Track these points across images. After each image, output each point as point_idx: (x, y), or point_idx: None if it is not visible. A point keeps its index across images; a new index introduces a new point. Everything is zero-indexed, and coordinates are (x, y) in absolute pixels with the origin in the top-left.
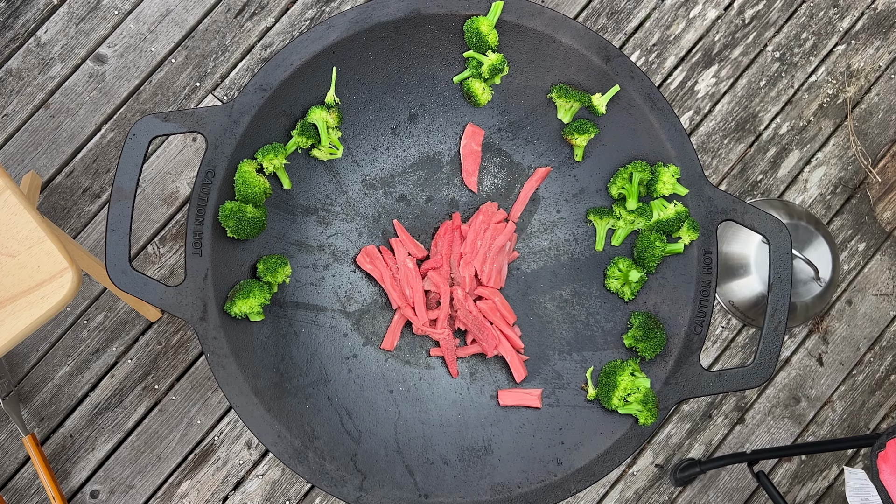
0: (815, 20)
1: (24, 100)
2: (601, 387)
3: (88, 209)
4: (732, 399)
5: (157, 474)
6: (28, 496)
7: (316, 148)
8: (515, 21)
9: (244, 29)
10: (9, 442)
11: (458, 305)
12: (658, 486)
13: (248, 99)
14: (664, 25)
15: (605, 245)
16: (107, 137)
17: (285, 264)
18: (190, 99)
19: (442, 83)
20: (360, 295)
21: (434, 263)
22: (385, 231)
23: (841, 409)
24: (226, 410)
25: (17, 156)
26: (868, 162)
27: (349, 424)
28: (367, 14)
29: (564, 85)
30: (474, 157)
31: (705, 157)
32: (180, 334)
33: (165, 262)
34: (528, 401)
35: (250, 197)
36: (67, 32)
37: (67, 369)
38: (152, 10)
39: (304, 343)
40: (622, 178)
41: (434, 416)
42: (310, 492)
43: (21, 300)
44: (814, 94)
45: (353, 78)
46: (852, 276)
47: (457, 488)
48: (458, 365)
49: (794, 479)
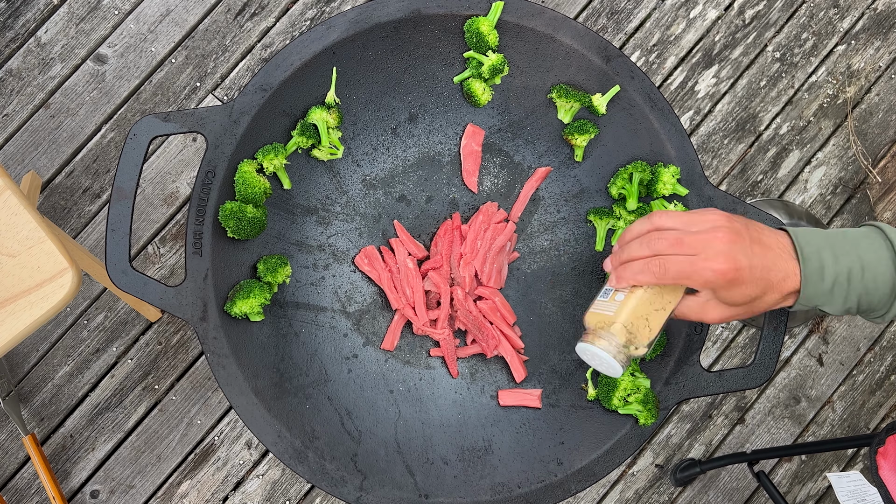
0: (816, 20)
1: (24, 100)
2: (601, 387)
3: (88, 209)
4: (732, 399)
5: (157, 474)
6: (28, 496)
7: (316, 148)
8: (516, 21)
9: (244, 29)
10: (9, 442)
11: (458, 305)
12: (658, 486)
13: (249, 99)
14: (664, 26)
15: (605, 245)
16: (107, 137)
17: (285, 264)
18: (190, 99)
19: (442, 83)
20: (360, 295)
21: (434, 263)
22: (385, 231)
23: (841, 409)
24: (226, 410)
25: (17, 156)
26: (868, 162)
27: (349, 424)
28: (367, 14)
29: (565, 85)
30: (474, 158)
31: (705, 157)
32: (180, 334)
33: (165, 262)
34: (529, 401)
35: (250, 197)
36: (67, 32)
37: (67, 369)
38: (152, 10)
39: (305, 343)
40: (622, 178)
41: (434, 416)
42: (310, 492)
43: (21, 300)
44: (814, 95)
45: (354, 78)
46: None
47: (457, 488)
48: (459, 365)
49: (794, 479)
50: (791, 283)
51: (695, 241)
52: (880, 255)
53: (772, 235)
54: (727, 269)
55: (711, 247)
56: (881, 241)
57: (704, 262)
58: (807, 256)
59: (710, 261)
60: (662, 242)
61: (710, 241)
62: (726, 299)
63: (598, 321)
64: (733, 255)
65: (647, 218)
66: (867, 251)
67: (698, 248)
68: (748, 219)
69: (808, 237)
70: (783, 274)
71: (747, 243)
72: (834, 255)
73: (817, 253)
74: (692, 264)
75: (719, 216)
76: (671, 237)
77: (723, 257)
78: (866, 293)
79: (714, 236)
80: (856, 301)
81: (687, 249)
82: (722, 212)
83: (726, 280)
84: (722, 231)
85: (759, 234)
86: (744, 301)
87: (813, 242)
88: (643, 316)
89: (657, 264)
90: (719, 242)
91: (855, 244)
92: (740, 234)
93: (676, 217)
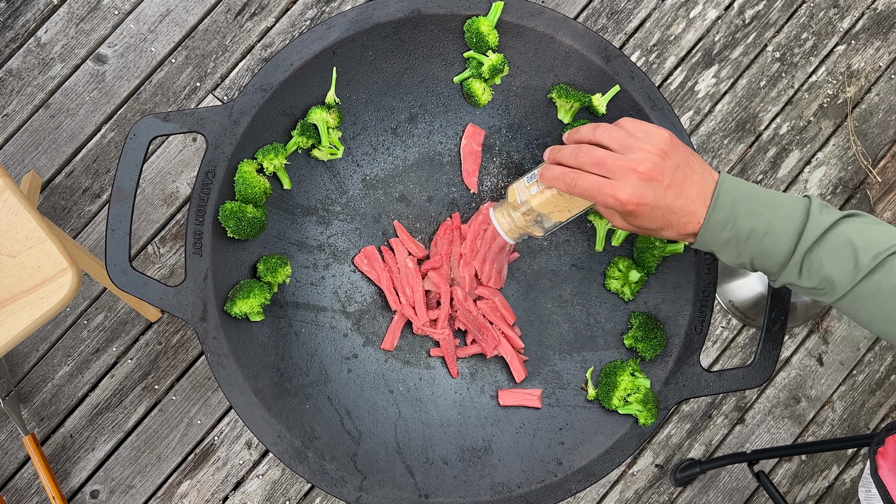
0: (816, 20)
1: (24, 100)
2: (601, 387)
3: (88, 209)
4: (732, 399)
5: (157, 474)
6: (28, 496)
7: (316, 148)
8: (516, 21)
9: (244, 29)
10: (9, 442)
11: (458, 305)
12: (658, 486)
13: (249, 99)
14: (664, 25)
15: (605, 245)
16: (107, 137)
17: (285, 264)
18: (190, 99)
19: (442, 83)
20: (360, 295)
21: (434, 263)
22: (385, 231)
23: (841, 409)
24: (226, 410)
25: (17, 156)
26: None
27: (349, 424)
28: (367, 14)
29: (565, 85)
30: (474, 158)
31: (705, 157)
32: (180, 334)
33: (165, 262)
34: (528, 401)
35: (250, 197)
36: (67, 32)
37: (67, 369)
38: (152, 10)
39: (304, 343)
40: None
41: (434, 416)
42: (310, 492)
43: (21, 300)
44: (814, 95)
45: (354, 78)
46: None
47: (457, 488)
48: (458, 365)
49: (794, 479)
50: (692, 226)
51: (615, 167)
52: (789, 226)
53: (698, 180)
54: (628, 201)
55: (625, 178)
56: (800, 213)
57: (611, 190)
58: (719, 206)
59: (616, 190)
60: (587, 158)
61: (628, 172)
62: (626, 221)
63: (513, 198)
64: (642, 192)
65: (593, 127)
66: (780, 219)
67: (615, 173)
68: (691, 154)
69: (732, 188)
70: (687, 218)
71: (664, 185)
72: (747, 211)
73: (731, 204)
74: (600, 188)
75: (659, 147)
76: (596, 156)
77: (630, 190)
78: (761, 255)
79: (634, 169)
80: (749, 259)
81: (605, 172)
82: (668, 140)
83: (625, 210)
84: (646, 164)
85: (684, 176)
86: (641, 228)
87: (733, 192)
88: (549, 211)
89: (572, 177)
90: (634, 176)
91: (775, 208)
92: (663, 173)
93: (618, 135)
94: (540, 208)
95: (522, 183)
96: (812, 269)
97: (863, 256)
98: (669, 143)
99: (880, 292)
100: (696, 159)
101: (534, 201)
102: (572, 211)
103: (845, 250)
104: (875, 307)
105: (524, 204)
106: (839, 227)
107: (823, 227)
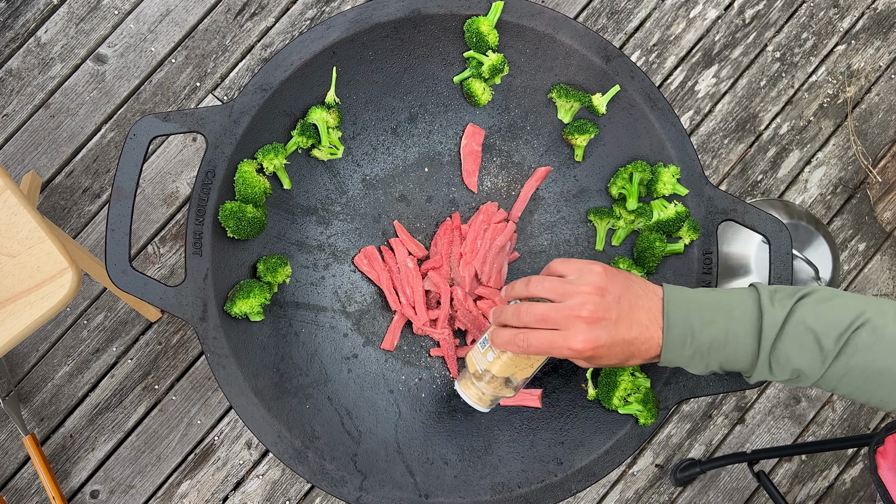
0: (816, 20)
1: (24, 100)
2: (601, 387)
3: (88, 209)
4: (732, 399)
5: (157, 474)
6: (28, 496)
7: (316, 148)
8: (516, 21)
9: (244, 29)
10: (9, 442)
11: (458, 305)
12: (658, 486)
13: (248, 99)
14: (664, 25)
15: (605, 245)
16: (107, 137)
17: (285, 264)
18: (190, 99)
19: (442, 83)
20: (360, 295)
21: (434, 263)
22: (385, 231)
23: (841, 409)
24: (226, 410)
25: (17, 156)
26: (868, 162)
27: (349, 424)
28: (367, 14)
29: (564, 85)
30: (474, 158)
31: (705, 157)
32: (180, 334)
33: (165, 262)
34: (529, 401)
35: (250, 197)
36: (67, 32)
37: (67, 369)
38: (152, 10)
39: (304, 343)
40: (622, 178)
41: (434, 416)
42: (310, 492)
43: (21, 300)
44: (814, 94)
45: (353, 78)
46: (852, 277)
47: (457, 488)
48: (459, 365)
49: (794, 479)
50: (654, 350)
51: (559, 319)
52: (747, 327)
53: (644, 304)
54: (585, 348)
55: (573, 326)
56: (753, 312)
57: (564, 342)
58: (672, 324)
59: (569, 340)
60: (529, 317)
61: (574, 320)
62: (590, 364)
63: (473, 369)
64: (594, 336)
65: (525, 282)
66: (735, 322)
67: (562, 324)
68: (629, 279)
69: (680, 301)
70: (646, 345)
71: (613, 321)
72: (701, 321)
73: (684, 319)
74: (552, 343)
75: (595, 285)
76: (538, 313)
77: (582, 337)
78: (728, 362)
79: (578, 315)
80: (718, 367)
81: (552, 325)
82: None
83: (584, 357)
84: (588, 308)
85: (629, 305)
86: (608, 366)
87: (683, 307)
88: (512, 372)
89: (522, 339)
90: (581, 323)
91: (727, 311)
92: (608, 309)
93: (551, 285)
94: (502, 373)
95: (477, 350)
96: (780, 364)
97: (825, 341)
98: (604, 277)
99: (851, 371)
100: (636, 281)
101: (494, 368)
102: (533, 365)
103: (807, 339)
104: (850, 384)
105: (486, 373)
106: (794, 315)
107: (780, 321)
